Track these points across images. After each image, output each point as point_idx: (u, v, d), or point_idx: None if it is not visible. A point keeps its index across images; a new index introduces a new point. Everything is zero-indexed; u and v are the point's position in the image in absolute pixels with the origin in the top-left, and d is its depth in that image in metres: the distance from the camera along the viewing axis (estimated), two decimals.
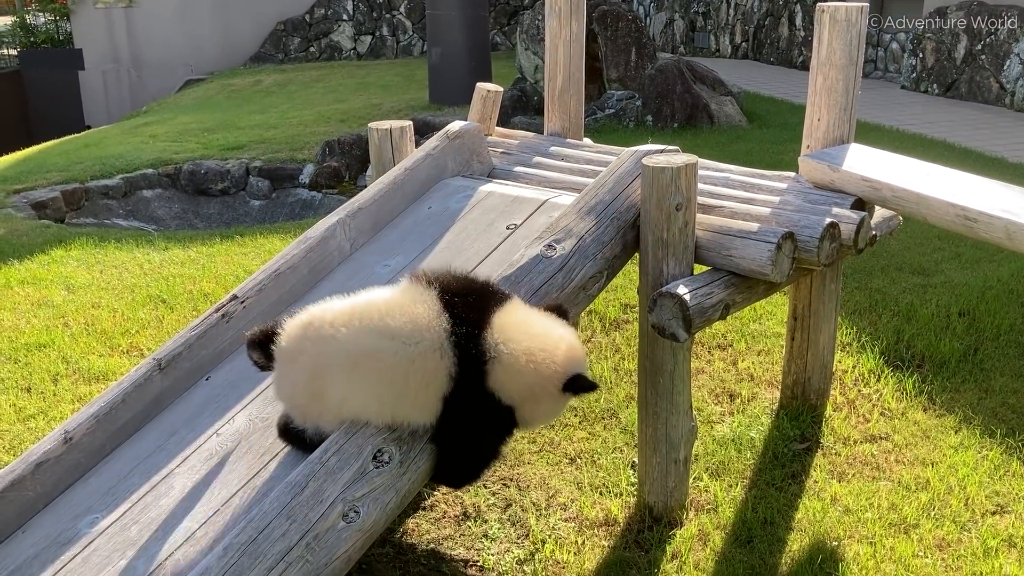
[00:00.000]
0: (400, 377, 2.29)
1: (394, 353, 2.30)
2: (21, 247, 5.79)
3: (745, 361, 4.07)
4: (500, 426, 2.40)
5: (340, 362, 2.35)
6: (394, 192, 3.48)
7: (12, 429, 3.75)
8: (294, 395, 2.46)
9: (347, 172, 8.35)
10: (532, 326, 2.37)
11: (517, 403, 2.35)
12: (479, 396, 2.32)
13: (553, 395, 2.35)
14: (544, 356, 2.32)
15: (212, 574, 2.10)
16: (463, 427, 2.35)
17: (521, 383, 2.31)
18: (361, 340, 2.33)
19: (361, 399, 2.33)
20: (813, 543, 2.95)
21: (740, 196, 3.25)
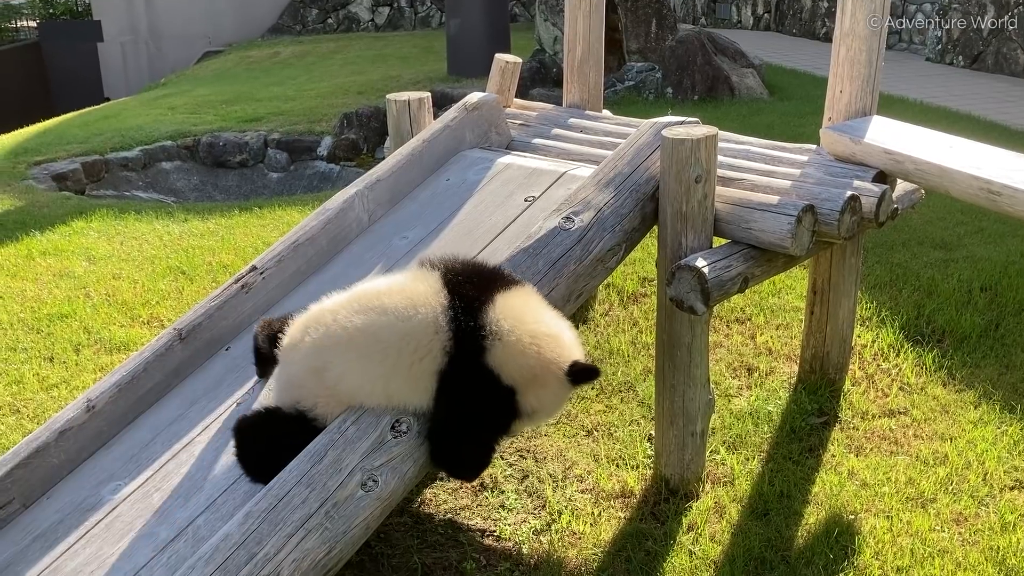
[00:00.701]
0: (393, 351, 2.29)
1: (387, 327, 2.30)
2: (42, 218, 5.83)
3: (763, 335, 4.06)
4: (500, 409, 2.34)
5: (337, 340, 2.35)
6: (412, 164, 3.47)
7: (36, 398, 3.80)
8: (295, 376, 2.44)
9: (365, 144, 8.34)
10: (540, 312, 2.36)
11: (519, 386, 2.30)
12: (477, 372, 2.28)
13: (557, 381, 2.31)
14: (550, 341, 2.30)
15: (233, 540, 2.13)
16: (460, 405, 2.31)
17: (523, 364, 2.28)
18: (356, 318, 2.34)
19: (357, 376, 2.33)
20: (829, 516, 2.95)
21: (760, 169, 3.23)
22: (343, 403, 2.36)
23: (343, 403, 2.36)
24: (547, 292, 2.64)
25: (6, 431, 3.58)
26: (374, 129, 8.40)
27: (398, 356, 2.29)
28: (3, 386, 3.88)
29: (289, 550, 2.15)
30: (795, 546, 2.84)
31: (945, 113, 8.18)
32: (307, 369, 2.39)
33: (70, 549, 2.51)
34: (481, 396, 2.30)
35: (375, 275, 3.12)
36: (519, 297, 2.37)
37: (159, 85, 12.61)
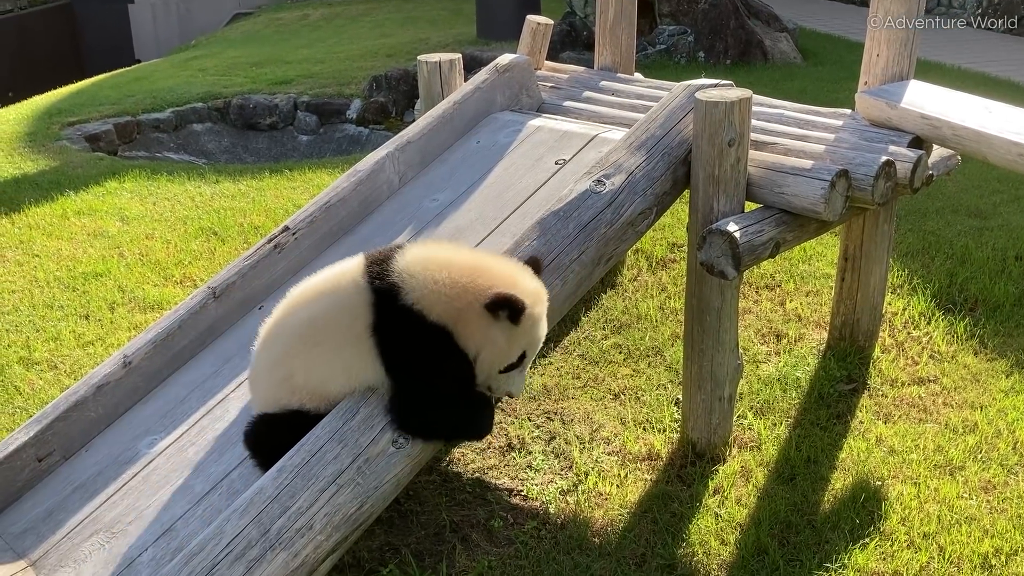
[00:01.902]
0: (332, 326, 2.32)
1: (321, 308, 2.34)
2: (76, 179, 5.89)
3: (793, 302, 4.04)
4: (439, 351, 2.28)
5: (288, 344, 2.38)
6: (443, 126, 3.47)
7: (72, 354, 3.88)
8: (272, 395, 2.44)
9: (394, 108, 8.32)
10: (460, 257, 2.34)
11: (450, 324, 2.26)
12: (401, 314, 2.26)
13: (478, 315, 2.25)
14: (471, 273, 2.27)
15: (267, 494, 2.18)
16: (400, 354, 2.30)
17: (443, 298, 2.25)
18: (297, 315, 2.39)
19: (318, 367, 2.34)
20: (856, 482, 2.95)
21: (794, 133, 3.20)
22: (324, 398, 2.37)
23: (324, 398, 2.37)
24: (577, 255, 2.65)
25: (44, 386, 3.66)
26: (403, 92, 8.38)
27: (337, 328, 2.31)
28: (41, 342, 3.96)
29: (321, 504, 2.20)
30: (821, 510, 2.85)
31: (983, 79, 8.02)
32: (276, 383, 2.41)
33: (108, 500, 2.57)
34: (414, 339, 2.28)
35: (405, 237, 3.15)
36: (438, 245, 2.41)
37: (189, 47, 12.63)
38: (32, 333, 4.03)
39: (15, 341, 3.98)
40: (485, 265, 2.33)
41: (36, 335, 4.02)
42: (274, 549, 2.12)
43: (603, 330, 3.89)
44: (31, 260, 4.70)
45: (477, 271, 2.29)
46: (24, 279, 4.51)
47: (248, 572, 2.09)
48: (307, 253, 3.12)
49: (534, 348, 2.37)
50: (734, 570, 2.64)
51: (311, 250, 3.13)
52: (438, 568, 2.69)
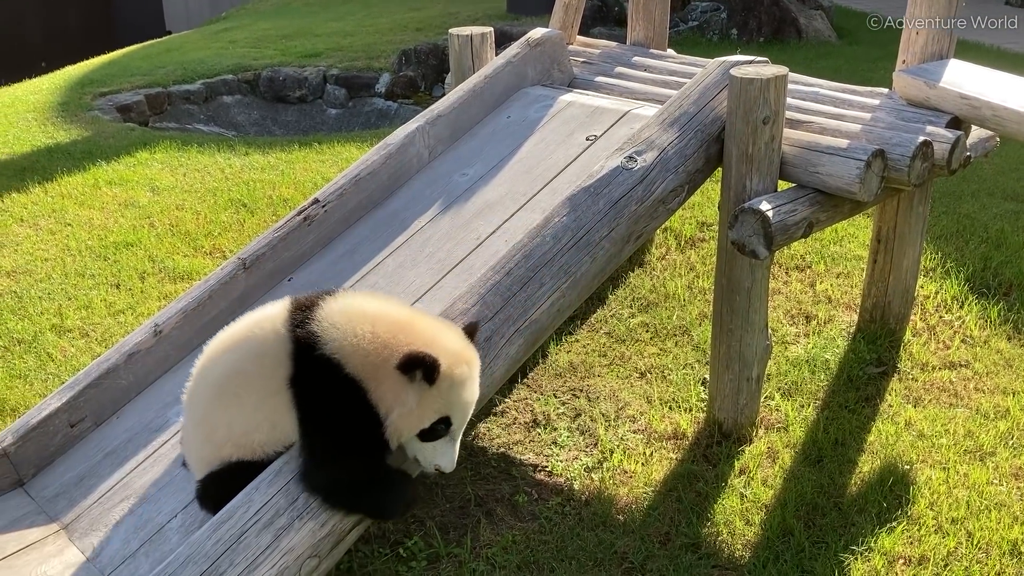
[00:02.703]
0: (254, 374, 2.22)
1: (242, 356, 2.25)
2: (108, 149, 5.93)
3: (823, 283, 4.00)
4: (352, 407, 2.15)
5: (210, 400, 2.29)
6: (473, 100, 3.46)
7: (103, 323, 3.92)
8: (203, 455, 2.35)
9: (423, 82, 8.29)
10: (388, 311, 2.23)
11: (365, 380, 2.14)
12: (317, 365, 2.15)
13: (394, 374, 2.12)
14: (391, 336, 2.14)
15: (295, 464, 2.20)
16: (314, 406, 2.18)
17: (362, 356, 2.14)
18: (216, 370, 2.29)
19: (241, 417, 2.25)
20: (884, 466, 2.93)
21: (830, 112, 3.15)
22: (251, 450, 2.27)
23: (251, 450, 2.27)
24: (607, 232, 2.63)
25: (76, 353, 3.71)
26: (432, 67, 8.34)
27: (259, 377, 2.21)
28: (73, 310, 4.00)
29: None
30: (848, 493, 2.83)
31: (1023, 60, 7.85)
32: (201, 443, 2.32)
33: (139, 467, 2.61)
34: (327, 391, 2.16)
35: (435, 211, 3.15)
36: (370, 296, 2.29)
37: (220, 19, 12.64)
38: (64, 301, 4.08)
39: (47, 309, 4.03)
40: (410, 322, 2.21)
41: (68, 303, 4.07)
42: (302, 518, 2.14)
43: (630, 308, 3.87)
44: (63, 229, 4.75)
45: (400, 327, 2.18)
46: (56, 247, 4.55)
47: (276, 540, 2.11)
48: (336, 226, 3.13)
49: (460, 414, 2.20)
50: (759, 550, 2.63)
51: (340, 223, 3.14)
52: (463, 541, 2.70)
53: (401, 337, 2.15)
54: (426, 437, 2.19)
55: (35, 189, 5.22)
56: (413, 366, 2.10)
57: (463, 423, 2.23)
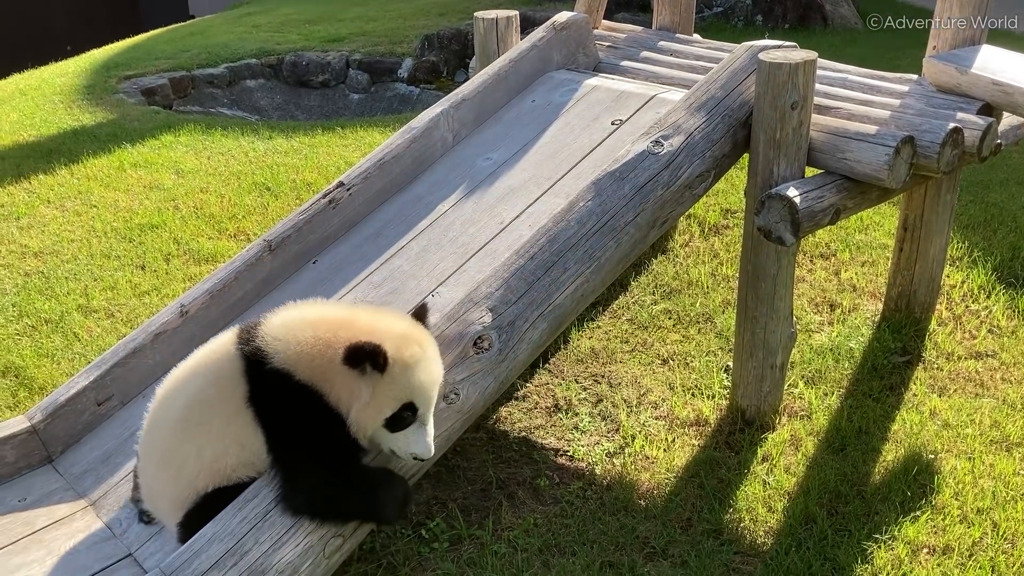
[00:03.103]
0: (215, 399, 2.20)
1: (201, 383, 2.23)
2: (133, 131, 5.97)
3: (848, 271, 3.97)
4: (311, 414, 2.14)
5: (173, 436, 2.25)
6: (498, 84, 3.45)
7: (129, 303, 3.96)
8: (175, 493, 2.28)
9: (445, 67, 8.28)
10: (327, 313, 2.22)
11: (317, 383, 2.13)
12: (270, 378, 2.14)
13: (344, 371, 2.10)
14: (332, 335, 2.13)
15: None
16: (275, 420, 2.17)
17: (308, 361, 2.12)
18: (176, 402, 2.26)
19: (209, 444, 2.21)
20: (909, 455, 2.91)
21: (858, 98, 3.12)
22: (226, 475, 2.23)
23: (226, 475, 2.23)
24: (632, 217, 2.62)
25: (102, 333, 3.74)
26: (454, 52, 8.33)
27: (220, 401, 2.20)
28: (99, 291, 4.04)
29: (374, 455, 2.22)
30: (871, 482, 2.82)
31: None
32: (171, 483, 2.27)
33: None
34: (284, 404, 2.15)
35: (458, 196, 3.15)
36: (309, 304, 2.27)
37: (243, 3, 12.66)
38: (90, 282, 4.12)
39: (74, 289, 4.06)
40: (349, 318, 2.19)
41: (94, 284, 4.10)
42: None
43: (653, 295, 3.86)
44: (89, 210, 4.79)
45: (340, 325, 2.16)
46: (83, 229, 4.59)
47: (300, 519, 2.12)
48: (361, 209, 3.14)
49: (422, 397, 2.14)
50: (781, 537, 2.62)
51: (365, 206, 3.14)
52: (484, 523, 2.71)
53: (342, 334, 2.12)
54: (395, 427, 2.14)
55: (62, 171, 5.27)
56: (358, 357, 2.07)
57: (429, 406, 2.17)
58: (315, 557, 2.14)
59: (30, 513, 2.52)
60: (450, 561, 2.58)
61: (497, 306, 2.46)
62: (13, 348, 3.66)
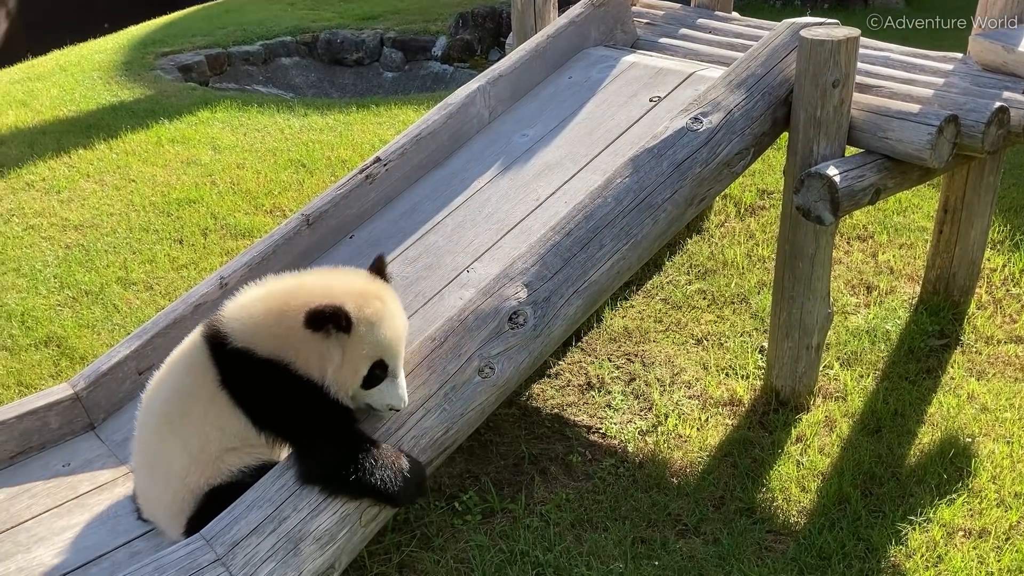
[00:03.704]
0: (195, 389, 2.20)
1: (177, 377, 2.25)
2: (170, 108, 6.03)
3: (886, 254, 3.92)
4: (281, 385, 2.13)
5: (161, 439, 2.25)
6: (535, 60, 3.44)
7: (167, 276, 4.01)
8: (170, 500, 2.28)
9: (479, 45, 8.26)
10: (276, 285, 2.20)
11: (282, 356, 2.11)
12: (235, 358, 2.13)
13: (309, 337, 2.09)
14: (284, 304, 2.12)
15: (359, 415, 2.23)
16: (256, 399, 2.16)
17: (266, 334, 2.11)
18: (157, 407, 2.27)
19: (196, 436, 2.20)
20: (945, 438, 2.89)
21: (900, 76, 3.07)
22: (216, 467, 2.23)
23: (216, 467, 2.23)
24: (670, 194, 2.61)
25: (141, 305, 3.80)
26: (488, 30, 8.30)
27: (195, 388, 2.19)
28: (138, 264, 4.10)
29: (409, 427, 2.24)
30: (907, 464, 2.80)
31: None
32: (166, 484, 2.26)
33: None
34: (255, 380, 2.14)
35: (494, 172, 3.15)
36: (262, 281, 2.24)
37: None
38: (129, 255, 4.18)
39: (113, 262, 4.13)
40: (299, 284, 2.18)
41: (133, 257, 4.16)
42: None
43: (687, 275, 3.85)
44: (128, 185, 4.85)
45: (290, 293, 2.14)
46: (121, 203, 4.65)
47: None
48: (398, 184, 3.15)
49: (390, 352, 2.14)
50: (814, 517, 2.62)
51: (402, 181, 3.16)
52: (517, 498, 2.73)
53: (294, 302, 2.10)
54: (369, 384, 2.15)
55: (101, 146, 5.33)
56: (318, 320, 2.05)
57: (398, 360, 2.17)
58: (352, 525, 2.17)
59: (74, 478, 2.57)
60: (483, 533, 2.60)
61: (533, 282, 2.46)
62: (55, 318, 3.73)
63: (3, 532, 2.40)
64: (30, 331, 3.66)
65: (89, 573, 2.27)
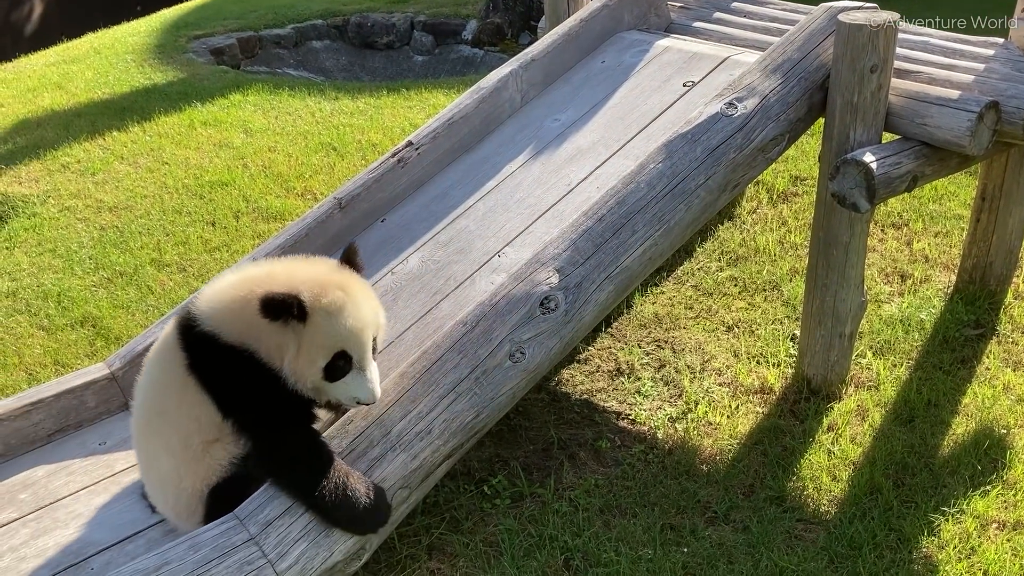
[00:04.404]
0: (170, 382, 2.17)
1: (156, 374, 2.23)
2: (203, 90, 6.07)
3: (920, 242, 3.87)
4: (247, 374, 2.09)
5: (154, 442, 2.24)
6: (568, 44, 3.42)
7: (200, 258, 4.05)
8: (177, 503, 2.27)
9: (510, 29, 8.22)
10: (250, 271, 2.19)
11: (247, 341, 2.08)
12: (200, 344, 2.10)
13: (268, 326, 2.06)
14: (250, 291, 2.08)
15: (389, 397, 2.25)
16: (219, 386, 2.13)
17: (231, 320, 2.09)
18: (142, 407, 2.27)
19: (183, 427, 2.18)
20: (980, 429, 2.85)
21: (939, 62, 3.02)
22: (203, 462, 2.20)
23: (203, 462, 2.20)
24: (703, 180, 2.59)
25: (174, 287, 3.84)
26: (519, 14, 8.26)
27: (169, 377, 2.17)
28: (171, 246, 4.14)
29: (440, 411, 2.26)
30: (940, 454, 2.77)
31: None
32: (160, 488, 2.27)
33: None
34: (222, 368, 2.10)
35: (526, 157, 3.14)
36: (239, 267, 2.21)
37: None
38: (162, 237, 4.22)
39: (147, 243, 4.17)
40: (268, 272, 2.14)
41: (166, 239, 4.20)
42: (395, 450, 2.20)
43: (718, 262, 3.82)
44: (161, 167, 4.89)
45: (256, 281, 2.10)
46: (155, 185, 4.70)
47: (369, 470, 2.17)
48: (430, 168, 3.15)
49: (354, 342, 2.08)
50: (845, 506, 2.60)
51: (434, 165, 3.16)
52: (546, 482, 2.74)
53: (257, 289, 2.06)
54: (333, 376, 2.09)
55: (134, 128, 5.38)
56: (272, 308, 2.00)
57: (364, 350, 2.10)
58: None
59: (110, 456, 2.61)
60: (511, 517, 2.61)
61: (564, 267, 2.46)
62: (90, 299, 3.78)
63: (42, 508, 2.44)
64: (66, 311, 3.71)
65: (125, 550, 2.31)
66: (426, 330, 2.64)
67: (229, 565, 2.03)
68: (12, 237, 4.31)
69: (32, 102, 6.00)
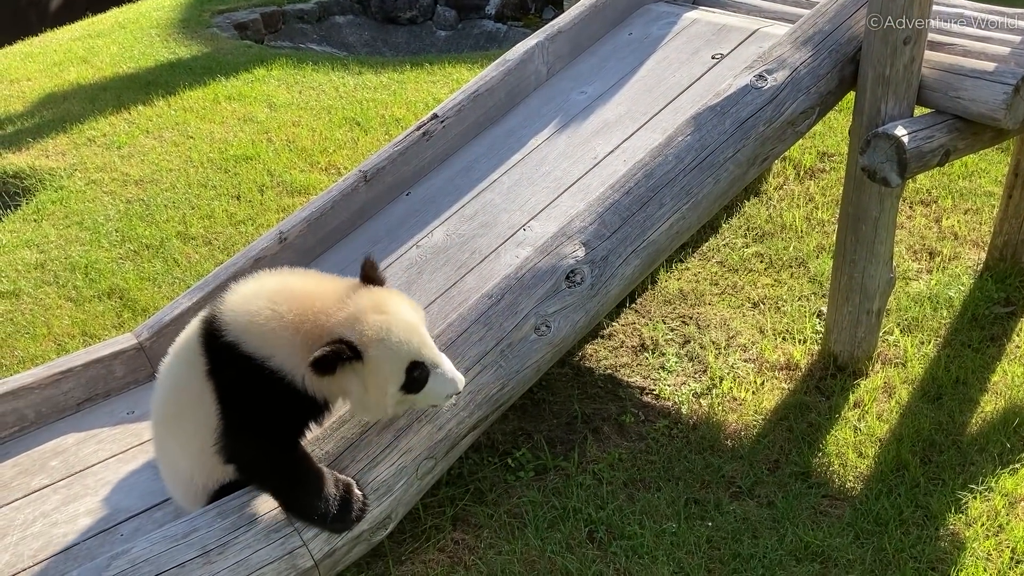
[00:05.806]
0: (190, 381, 2.11)
1: (178, 373, 2.17)
2: (227, 65, 6.07)
3: (950, 219, 3.82)
4: (256, 385, 2.02)
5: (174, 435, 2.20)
6: (594, 16, 3.39)
7: (225, 231, 4.06)
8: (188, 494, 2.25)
9: (533, 4, 8.16)
10: (284, 283, 2.08)
11: (270, 352, 2.00)
12: (219, 351, 2.03)
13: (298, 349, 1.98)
14: (297, 317, 1.99)
15: None
16: (226, 392, 2.06)
17: (257, 324, 1.99)
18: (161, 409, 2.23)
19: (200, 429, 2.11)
20: (1009, 407, 2.83)
21: (974, 34, 2.96)
22: (222, 468, 2.16)
23: (222, 468, 2.16)
24: (732, 153, 2.57)
25: (200, 260, 3.86)
26: None
27: (191, 378, 2.10)
28: (196, 219, 4.16)
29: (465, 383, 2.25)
30: (968, 432, 2.75)
31: None
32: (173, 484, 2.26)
33: None
34: (231, 375, 2.03)
35: (552, 130, 3.12)
36: (270, 273, 2.12)
37: None
38: (188, 210, 4.24)
39: (173, 216, 4.19)
40: (308, 297, 2.02)
41: (192, 212, 4.22)
42: (420, 421, 2.21)
43: (744, 238, 3.79)
44: (186, 141, 4.91)
45: (295, 304, 1.99)
46: (180, 159, 4.72)
47: (395, 440, 2.18)
48: (455, 141, 3.14)
49: (424, 351, 1.99)
50: (871, 483, 2.59)
51: (459, 139, 3.15)
52: (570, 456, 2.74)
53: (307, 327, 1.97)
54: (415, 388, 2.01)
55: (159, 102, 5.40)
56: (326, 366, 1.91)
57: (429, 350, 2.01)
58: (408, 477, 2.20)
59: (138, 425, 2.64)
60: (535, 489, 2.62)
61: (590, 240, 2.45)
62: (117, 271, 3.81)
63: (72, 475, 2.47)
64: (93, 283, 3.74)
65: (153, 517, 2.34)
66: (451, 303, 2.64)
67: (256, 532, 2.05)
68: (40, 210, 4.34)
69: (58, 76, 6.03)
